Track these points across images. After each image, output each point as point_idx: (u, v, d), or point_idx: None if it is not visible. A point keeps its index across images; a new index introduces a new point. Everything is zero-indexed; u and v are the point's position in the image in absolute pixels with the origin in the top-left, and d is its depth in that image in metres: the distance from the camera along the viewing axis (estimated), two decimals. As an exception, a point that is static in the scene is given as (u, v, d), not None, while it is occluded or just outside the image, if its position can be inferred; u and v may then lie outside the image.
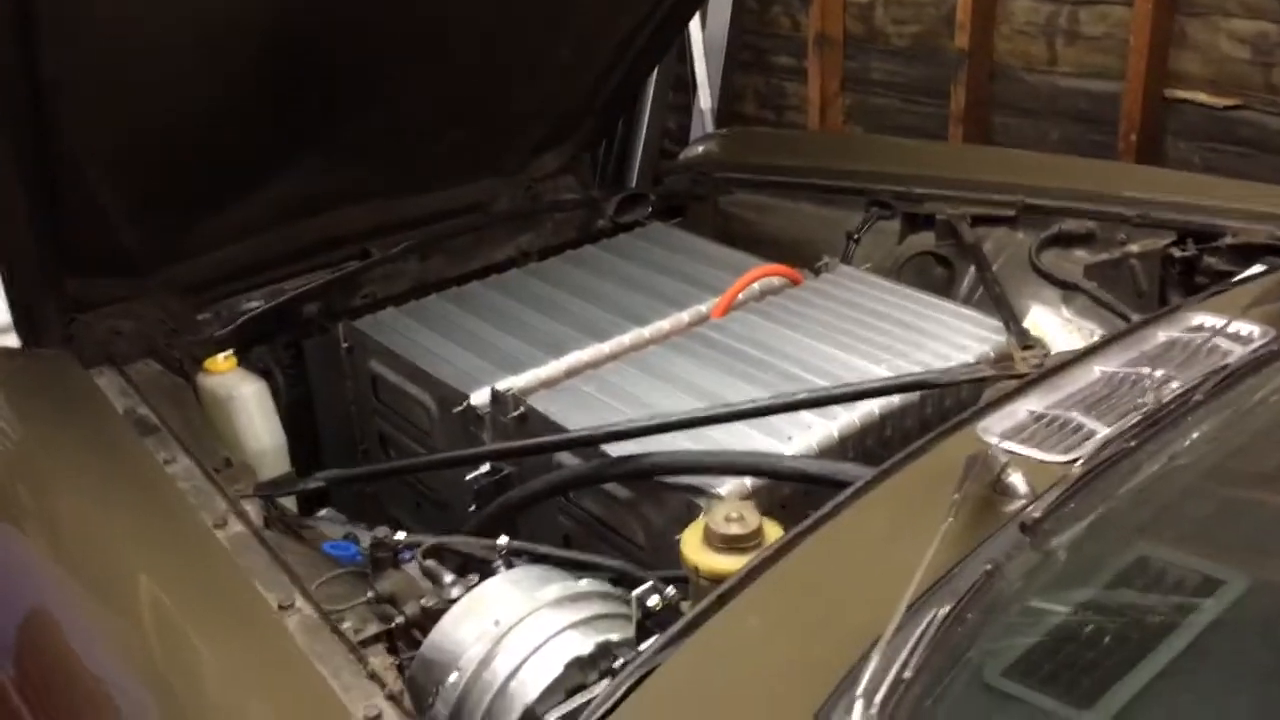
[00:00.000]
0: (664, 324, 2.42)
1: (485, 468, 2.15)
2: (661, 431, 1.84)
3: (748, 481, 1.83)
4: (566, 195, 3.40)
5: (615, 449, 1.87)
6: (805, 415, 1.96)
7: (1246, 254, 2.43)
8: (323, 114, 2.60)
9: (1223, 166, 3.70)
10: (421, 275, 2.72)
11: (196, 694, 1.41)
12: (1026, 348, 1.89)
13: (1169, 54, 3.76)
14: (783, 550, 1.38)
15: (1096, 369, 1.71)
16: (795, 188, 3.09)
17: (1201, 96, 3.75)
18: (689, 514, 1.81)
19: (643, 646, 1.37)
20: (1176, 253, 2.51)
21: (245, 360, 2.47)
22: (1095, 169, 2.89)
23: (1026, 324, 2.42)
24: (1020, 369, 1.78)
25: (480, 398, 2.17)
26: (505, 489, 2.11)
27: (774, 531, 1.52)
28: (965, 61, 4.10)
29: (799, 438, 1.94)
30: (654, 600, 1.39)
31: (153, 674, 1.45)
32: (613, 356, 2.32)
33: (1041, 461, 1.47)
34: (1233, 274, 2.44)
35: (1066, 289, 2.60)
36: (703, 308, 2.48)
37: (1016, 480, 1.41)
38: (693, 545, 1.52)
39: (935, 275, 2.81)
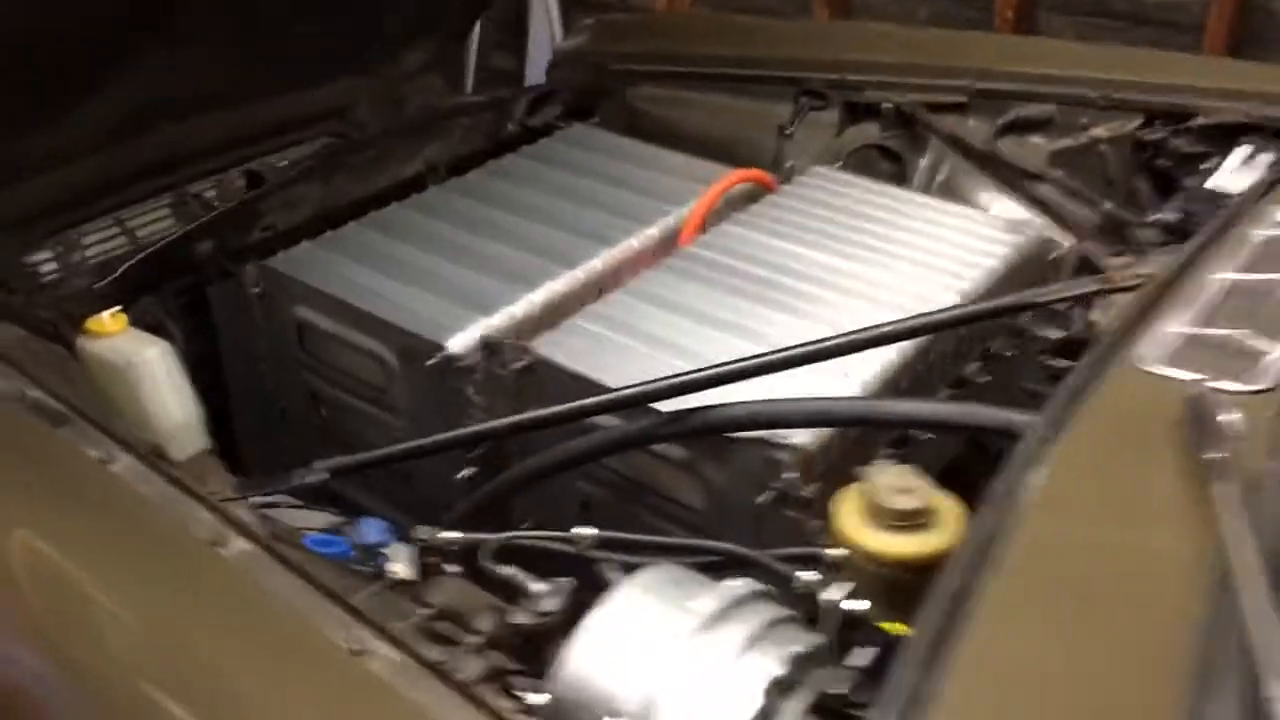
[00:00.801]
0: (633, 242, 2.13)
1: (475, 430, 1.84)
2: (722, 383, 1.56)
3: (827, 431, 1.59)
4: (438, 96, 3.03)
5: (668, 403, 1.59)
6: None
7: (1220, 135, 2.33)
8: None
9: (1098, 40, 3.64)
10: (324, 199, 2.31)
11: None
12: (1116, 254, 1.71)
13: (1042, -76, 3.66)
14: (985, 530, 1.15)
15: (1213, 277, 1.54)
16: (711, 79, 2.80)
17: (1075, -32, 3.67)
18: (768, 472, 1.57)
19: (852, 661, 1.13)
20: (1147, 136, 2.39)
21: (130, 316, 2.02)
22: (1045, 49, 2.74)
23: (953, 206, 2.25)
24: (1123, 281, 1.60)
25: (460, 346, 1.83)
26: (505, 455, 1.80)
27: (945, 503, 1.29)
28: (830, -65, 3.88)
29: (856, 373, 1.70)
30: (850, 604, 1.14)
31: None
32: (591, 285, 2.02)
33: (1240, 393, 1.29)
34: (1203, 155, 2.36)
35: (1031, 179, 2.46)
36: (670, 221, 2.19)
37: (1226, 419, 1.23)
38: (852, 523, 1.28)
39: (881, 170, 2.60)
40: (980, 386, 1.93)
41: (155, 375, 1.94)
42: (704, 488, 1.64)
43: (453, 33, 3.08)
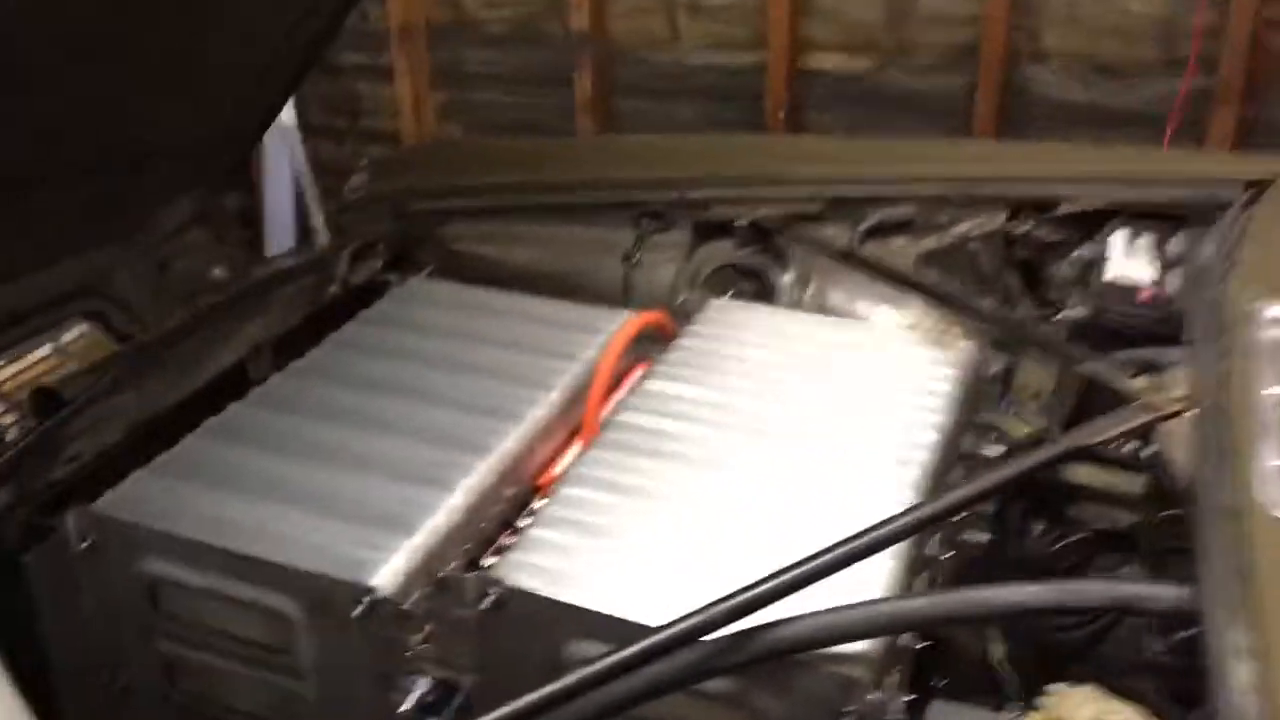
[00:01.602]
0: (539, 413, 1.82)
1: (424, 686, 1.47)
2: (777, 599, 1.28)
3: (879, 642, 1.34)
4: (204, 255, 2.62)
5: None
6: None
7: (1086, 222, 2.29)
8: None
9: (867, 131, 3.64)
10: (139, 410, 1.85)
11: None
12: (1132, 376, 1.57)
13: (800, 22, 3.62)
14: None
15: (1266, 394, 1.42)
16: (531, 209, 2.54)
17: (837, 61, 3.66)
18: (842, 696, 1.30)
19: None
20: (1017, 229, 2.32)
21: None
22: (893, 151, 2.61)
23: (872, 326, 2.14)
24: (1167, 407, 1.45)
25: (388, 582, 1.46)
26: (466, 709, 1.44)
27: None
28: (589, 44, 3.72)
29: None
30: None
31: None
32: (509, 473, 1.70)
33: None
34: (1065, 244, 2.31)
35: (904, 284, 2.32)
36: (568, 380, 1.90)
37: None
38: (1056, 769, 1.03)
39: (743, 290, 2.41)
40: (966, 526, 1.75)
41: (-32, 684, 1.45)
42: (758, 721, 1.35)
43: (215, 185, 2.67)
